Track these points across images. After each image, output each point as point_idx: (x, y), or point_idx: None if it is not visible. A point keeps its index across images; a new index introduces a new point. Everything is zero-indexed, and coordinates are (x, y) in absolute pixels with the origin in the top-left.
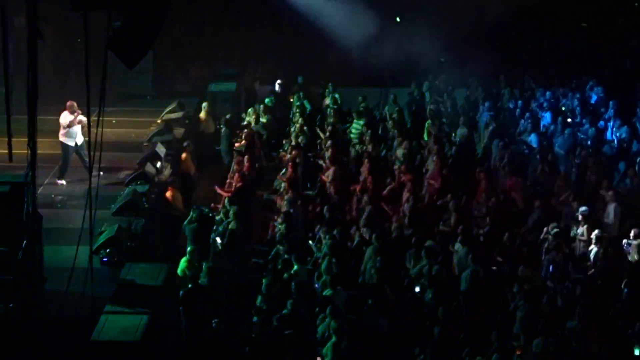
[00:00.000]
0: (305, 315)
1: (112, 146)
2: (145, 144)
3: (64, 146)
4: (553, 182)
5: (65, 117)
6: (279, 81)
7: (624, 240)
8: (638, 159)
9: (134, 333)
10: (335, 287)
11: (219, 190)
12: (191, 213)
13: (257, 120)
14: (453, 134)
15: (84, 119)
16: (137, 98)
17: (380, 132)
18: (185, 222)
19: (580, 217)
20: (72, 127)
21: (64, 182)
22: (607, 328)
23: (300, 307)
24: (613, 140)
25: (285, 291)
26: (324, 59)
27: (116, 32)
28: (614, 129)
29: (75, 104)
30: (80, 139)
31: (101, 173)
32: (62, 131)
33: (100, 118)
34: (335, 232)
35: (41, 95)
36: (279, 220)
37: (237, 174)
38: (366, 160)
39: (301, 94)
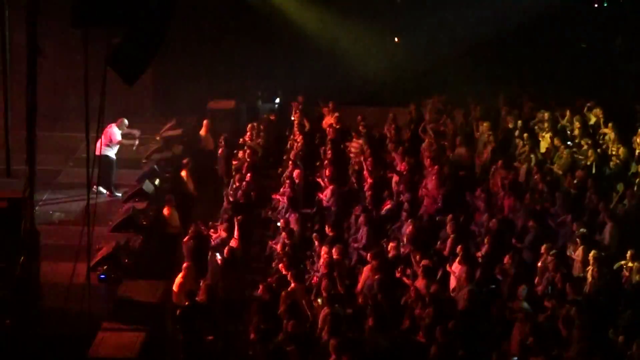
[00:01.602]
0: (304, 334)
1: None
2: (143, 161)
3: (109, 159)
4: (551, 203)
5: (115, 134)
6: (277, 99)
7: (620, 263)
8: (636, 180)
9: (131, 350)
10: (334, 305)
11: (226, 194)
12: (189, 230)
13: (253, 138)
14: (451, 154)
15: (136, 132)
16: (136, 115)
17: (379, 151)
18: (184, 240)
19: (577, 238)
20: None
21: (119, 194)
22: (605, 349)
23: (298, 325)
24: (611, 162)
25: (283, 309)
26: (323, 77)
27: (116, 49)
28: (612, 150)
29: (125, 120)
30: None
31: (103, 190)
32: (106, 145)
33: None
34: (333, 250)
35: (40, 112)
36: (281, 237)
37: (240, 191)
38: (365, 179)
39: (298, 112)
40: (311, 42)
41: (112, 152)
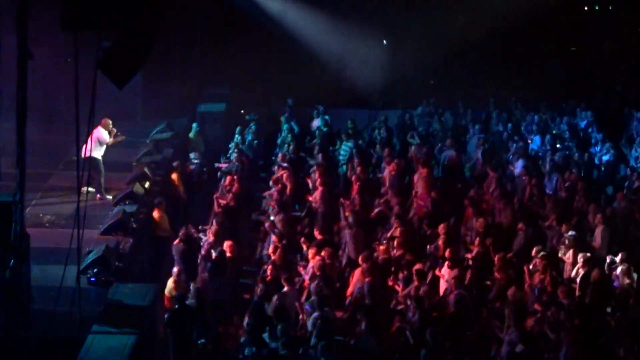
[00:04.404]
0: (296, 337)
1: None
2: (134, 164)
3: (96, 161)
4: (541, 205)
5: (104, 135)
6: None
7: (609, 257)
8: (626, 183)
9: (121, 353)
10: (324, 308)
11: (217, 199)
12: (179, 233)
13: (243, 141)
14: (441, 157)
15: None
16: (126, 118)
17: (368, 154)
18: (174, 243)
19: (567, 241)
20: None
21: (109, 196)
22: (593, 352)
23: (289, 329)
24: (601, 164)
25: (274, 313)
26: (313, 80)
27: (106, 52)
28: (602, 153)
29: (110, 122)
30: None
31: (92, 189)
32: (94, 146)
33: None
34: (323, 253)
35: (30, 115)
36: (269, 241)
37: (230, 194)
38: (354, 182)
39: (287, 115)
40: (302, 44)
41: (99, 154)
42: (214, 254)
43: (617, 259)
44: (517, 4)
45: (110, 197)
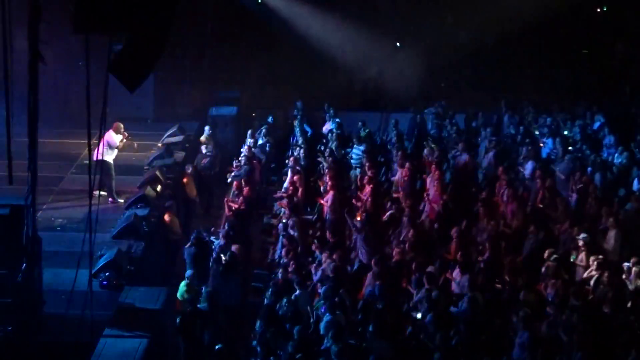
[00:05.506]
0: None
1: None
2: (145, 167)
3: (107, 164)
4: (553, 208)
5: (114, 138)
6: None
7: (625, 264)
8: (638, 186)
9: (132, 357)
10: (335, 312)
11: (228, 202)
12: (191, 237)
13: (255, 144)
14: (453, 160)
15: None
16: (137, 121)
17: (380, 157)
18: (185, 246)
19: (580, 244)
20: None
21: (121, 200)
22: (606, 355)
23: (305, 332)
24: (613, 167)
25: (286, 316)
26: (324, 83)
27: (117, 55)
28: (615, 155)
29: (122, 125)
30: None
31: (104, 193)
32: (105, 150)
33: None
34: (335, 256)
35: (42, 118)
36: (281, 244)
37: (241, 197)
38: (366, 185)
39: (299, 118)
40: (313, 47)
41: (110, 157)
42: (224, 258)
43: (630, 262)
44: (528, 7)
45: (121, 200)
